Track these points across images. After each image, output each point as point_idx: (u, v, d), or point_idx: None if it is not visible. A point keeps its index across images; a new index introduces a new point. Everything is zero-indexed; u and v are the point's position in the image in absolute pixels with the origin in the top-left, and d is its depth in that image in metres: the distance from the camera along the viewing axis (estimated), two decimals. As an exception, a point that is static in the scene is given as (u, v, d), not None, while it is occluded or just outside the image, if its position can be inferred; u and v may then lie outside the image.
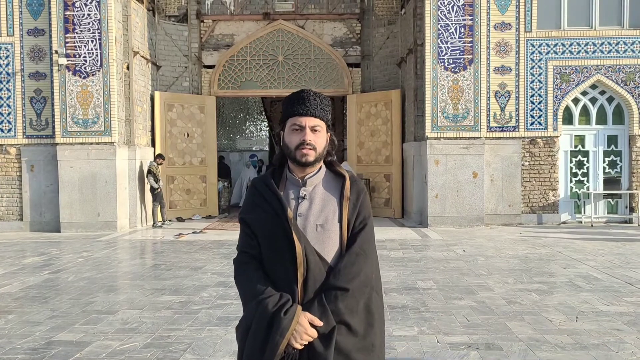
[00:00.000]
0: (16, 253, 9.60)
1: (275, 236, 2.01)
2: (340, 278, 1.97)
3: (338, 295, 1.95)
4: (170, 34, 14.82)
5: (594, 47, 12.70)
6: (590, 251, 9.17)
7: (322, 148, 2.06)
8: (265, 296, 1.95)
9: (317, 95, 2.06)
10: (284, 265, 1.99)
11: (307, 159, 2.02)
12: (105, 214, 11.98)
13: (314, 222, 2.03)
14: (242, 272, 2.08)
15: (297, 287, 1.97)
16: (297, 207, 2.05)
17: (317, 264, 1.99)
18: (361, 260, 2.01)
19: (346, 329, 1.97)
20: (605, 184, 13.02)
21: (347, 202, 2.05)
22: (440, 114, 12.15)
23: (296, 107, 2.03)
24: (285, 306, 1.92)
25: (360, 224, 2.06)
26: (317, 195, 2.07)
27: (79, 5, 11.86)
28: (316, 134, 2.03)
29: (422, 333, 4.90)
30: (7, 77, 12.48)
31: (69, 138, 12.00)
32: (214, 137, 15.33)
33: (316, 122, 2.03)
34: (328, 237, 2.03)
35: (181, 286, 6.84)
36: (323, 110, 2.05)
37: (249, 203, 2.12)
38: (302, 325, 1.91)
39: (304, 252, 1.98)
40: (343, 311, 1.95)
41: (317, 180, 2.09)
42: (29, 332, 5.06)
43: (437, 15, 12.05)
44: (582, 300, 6.00)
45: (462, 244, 9.98)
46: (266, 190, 2.07)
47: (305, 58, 15.10)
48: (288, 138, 2.05)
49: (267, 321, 1.92)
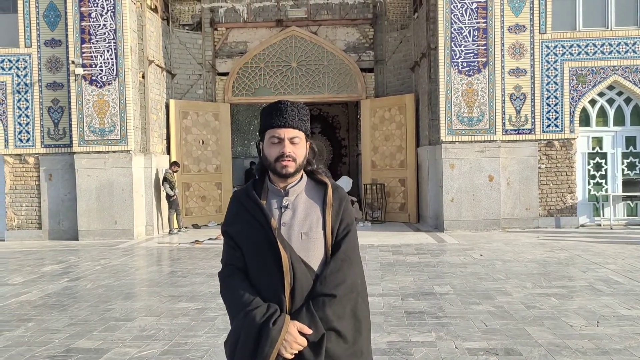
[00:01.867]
0: (35, 261, 9.72)
1: (260, 247, 2.00)
2: (327, 285, 1.97)
3: (325, 301, 1.95)
4: (185, 43, 14.95)
5: (610, 48, 12.55)
6: (610, 254, 9.03)
7: (302, 158, 2.05)
8: (252, 307, 1.94)
9: (294, 105, 2.05)
10: (271, 275, 1.98)
11: (287, 171, 2.02)
12: (122, 221, 12.08)
13: (299, 230, 2.03)
14: (227, 284, 2.06)
15: (284, 297, 1.96)
16: (281, 216, 2.04)
17: (303, 272, 1.98)
18: (346, 266, 2.01)
19: (336, 336, 1.96)
20: (624, 186, 12.83)
21: (330, 209, 2.05)
22: (454, 117, 12.09)
23: (274, 119, 2.02)
24: (273, 316, 1.91)
25: (343, 231, 2.06)
26: (299, 204, 2.07)
27: (94, 15, 12.02)
28: (295, 146, 2.02)
29: (439, 339, 4.86)
30: (26, 88, 12.67)
31: (86, 147, 12.14)
32: (228, 143, 15.41)
33: (295, 133, 2.02)
34: (313, 245, 2.02)
35: (198, 293, 6.86)
36: (301, 120, 2.04)
37: (232, 215, 2.11)
38: (291, 334, 1.90)
39: (290, 261, 1.97)
40: (331, 318, 1.94)
41: (299, 189, 2.09)
42: (48, 339, 5.11)
43: (450, 18, 12.01)
44: (603, 304, 5.91)
45: (479, 248, 9.89)
46: (248, 202, 2.06)
47: (319, 64, 15.13)
48: (267, 150, 2.04)
49: (255, 332, 1.91)
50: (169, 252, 10.58)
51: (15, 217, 12.73)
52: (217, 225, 14.71)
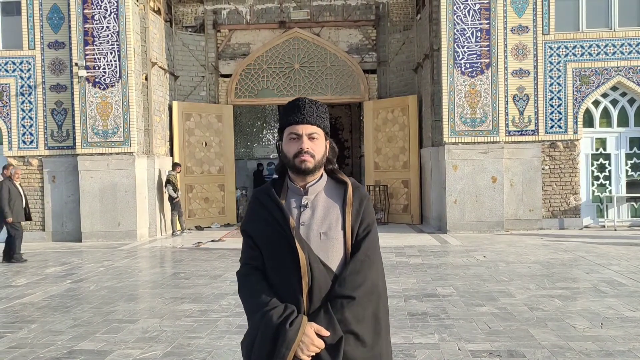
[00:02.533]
0: (39, 263, 9.74)
1: (278, 246, 1.97)
2: (346, 286, 1.93)
3: (344, 303, 1.91)
4: (188, 44, 14.97)
5: (613, 49, 12.52)
6: (614, 256, 8.99)
7: (321, 155, 2.02)
8: (269, 308, 1.91)
9: (313, 102, 2.03)
10: (288, 276, 1.95)
11: (306, 166, 1.98)
12: (125, 223, 12.09)
13: (317, 230, 1.99)
14: (245, 284, 2.04)
15: (302, 297, 1.93)
16: (300, 215, 2.01)
17: (321, 272, 1.95)
18: (366, 267, 1.98)
19: (354, 339, 1.91)
20: (628, 187, 12.78)
21: (350, 209, 2.01)
22: (457, 118, 12.07)
23: (292, 116, 2.01)
24: (290, 317, 1.88)
25: (364, 231, 2.02)
26: (319, 203, 2.03)
27: (98, 18, 12.05)
28: (314, 142, 2.00)
29: (442, 340, 4.85)
30: (29, 90, 12.71)
31: (89, 149, 12.17)
32: (231, 145, 15.42)
33: (313, 129, 2.00)
34: (332, 245, 1.99)
35: (200, 294, 6.86)
36: (320, 117, 2.02)
37: (251, 214, 2.08)
38: (308, 336, 1.86)
39: (308, 261, 1.93)
40: (350, 320, 1.90)
41: (319, 188, 2.05)
42: (51, 341, 5.11)
43: (453, 19, 12.00)
44: (607, 306, 5.88)
45: (482, 250, 9.87)
46: (268, 200, 2.03)
47: (322, 65, 15.14)
48: (286, 147, 2.02)
49: (272, 333, 1.88)
50: (172, 254, 10.59)
51: (18, 219, 12.76)
52: (220, 227, 14.72)
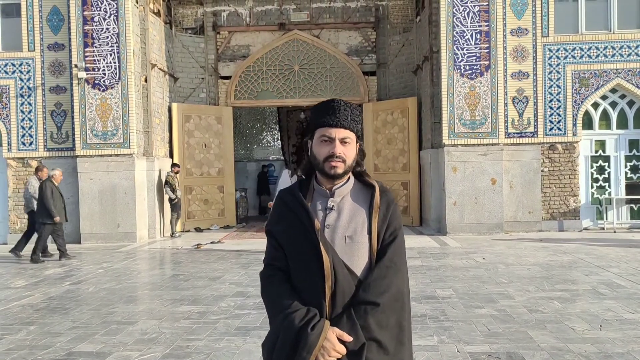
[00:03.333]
0: (37, 265, 9.72)
1: (302, 248, 1.95)
2: (370, 292, 1.90)
3: (368, 310, 1.88)
4: (187, 46, 14.98)
5: (612, 51, 12.53)
6: (613, 258, 8.99)
7: (352, 160, 1.99)
8: (291, 310, 1.89)
9: (347, 105, 1.99)
10: (312, 278, 1.92)
11: (336, 172, 1.95)
12: (125, 225, 12.08)
13: (343, 233, 1.96)
14: (268, 285, 2.03)
15: (324, 301, 1.90)
16: (325, 218, 1.98)
17: (345, 277, 1.92)
18: (392, 273, 1.94)
19: (377, 346, 1.88)
20: (627, 189, 12.79)
21: (376, 213, 1.99)
22: (457, 120, 12.08)
23: (326, 118, 1.97)
24: (312, 321, 1.85)
25: (390, 236, 1.99)
26: (345, 206, 2.00)
27: (97, 19, 12.06)
28: (346, 146, 1.96)
29: (442, 342, 4.84)
30: (29, 92, 12.72)
31: (89, 150, 12.16)
32: (231, 147, 15.42)
33: (346, 133, 1.96)
34: (357, 250, 1.96)
35: (199, 296, 6.86)
36: (354, 120, 1.99)
37: (276, 215, 2.07)
38: (330, 341, 1.83)
39: (332, 264, 1.91)
40: (373, 327, 1.87)
41: (346, 191, 2.02)
42: (50, 342, 5.11)
43: (452, 22, 12.01)
44: (606, 308, 5.88)
45: (481, 252, 9.87)
46: (293, 202, 2.01)
47: (321, 67, 15.15)
48: (316, 149, 1.98)
49: (293, 337, 1.85)
50: (171, 256, 10.58)
51: (18, 221, 12.75)
52: (220, 228, 14.72)
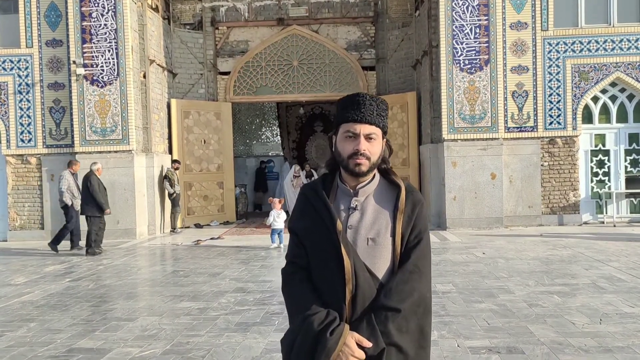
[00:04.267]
0: (38, 261, 9.73)
1: (323, 249, 1.90)
2: (392, 297, 1.84)
3: (389, 316, 1.82)
4: (186, 42, 14.94)
5: (612, 45, 12.50)
6: (613, 252, 8.99)
7: (377, 157, 1.92)
8: (311, 313, 1.84)
9: (373, 99, 1.91)
10: (332, 280, 1.87)
11: (360, 169, 1.89)
12: (125, 221, 12.07)
13: (365, 235, 1.90)
14: (289, 283, 2.00)
15: (344, 305, 1.86)
16: (348, 218, 1.92)
17: (367, 280, 1.87)
18: (415, 278, 1.87)
19: (396, 351, 1.83)
20: (627, 183, 12.78)
21: (401, 215, 1.91)
22: (456, 115, 12.05)
23: (350, 113, 1.89)
24: (331, 325, 1.81)
25: (415, 239, 1.91)
26: (369, 206, 1.93)
27: (95, 15, 12.02)
28: (371, 142, 1.89)
29: (442, 337, 4.84)
30: (27, 88, 12.68)
31: (88, 147, 12.14)
32: (230, 143, 15.40)
33: (372, 129, 1.89)
34: (379, 252, 1.90)
35: (200, 292, 6.86)
36: (379, 116, 1.90)
37: (298, 211, 2.02)
38: (348, 346, 1.78)
39: (353, 267, 1.85)
40: (393, 332, 1.82)
41: (370, 190, 1.95)
42: (50, 339, 5.11)
43: (451, 16, 11.97)
44: (606, 302, 5.88)
45: (481, 247, 9.87)
46: (316, 199, 1.95)
47: (320, 62, 15.11)
48: (341, 145, 1.91)
49: (312, 340, 1.81)
50: (171, 252, 10.58)
51: (17, 218, 12.75)
52: (219, 224, 14.71)
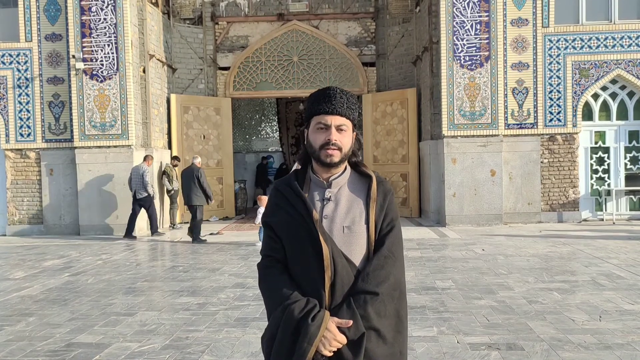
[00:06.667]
0: (37, 256, 9.72)
1: (300, 239, 1.94)
2: (370, 282, 1.90)
3: (367, 299, 1.88)
4: (186, 37, 14.90)
5: (613, 42, 12.47)
6: (613, 249, 9.00)
7: (348, 148, 1.98)
8: (291, 301, 1.88)
9: (343, 92, 1.98)
10: (311, 269, 1.92)
11: (332, 160, 1.95)
12: (124, 216, 12.05)
13: (341, 224, 1.96)
14: (266, 276, 2.01)
15: (324, 292, 1.90)
16: (323, 209, 1.97)
17: (344, 267, 1.92)
18: (390, 263, 1.95)
19: (376, 335, 1.89)
20: (627, 181, 12.79)
21: (374, 203, 1.98)
22: (456, 111, 12.04)
23: (322, 105, 1.95)
24: (312, 312, 1.85)
25: (387, 226, 1.99)
26: (342, 196, 2.00)
27: (95, 10, 11.97)
28: (342, 134, 1.95)
29: (441, 333, 4.84)
30: (26, 82, 12.64)
31: (87, 142, 12.12)
32: (229, 138, 15.37)
33: (342, 120, 1.95)
34: (355, 240, 1.96)
35: (199, 287, 6.85)
36: (350, 108, 1.97)
37: (272, 206, 2.05)
38: (330, 331, 1.83)
39: (331, 255, 1.91)
40: (372, 316, 1.88)
41: (343, 181, 2.01)
42: (50, 334, 5.10)
43: (452, 12, 11.94)
44: (605, 299, 5.89)
45: (481, 243, 9.87)
46: (290, 193, 2.00)
47: (320, 58, 15.08)
48: (312, 137, 1.97)
49: (293, 328, 1.85)
50: (171, 247, 10.57)
51: (16, 212, 12.73)
52: (219, 220, 14.70)
